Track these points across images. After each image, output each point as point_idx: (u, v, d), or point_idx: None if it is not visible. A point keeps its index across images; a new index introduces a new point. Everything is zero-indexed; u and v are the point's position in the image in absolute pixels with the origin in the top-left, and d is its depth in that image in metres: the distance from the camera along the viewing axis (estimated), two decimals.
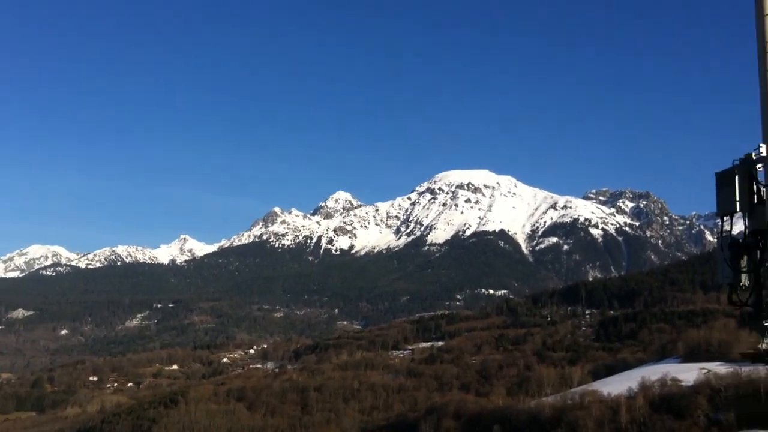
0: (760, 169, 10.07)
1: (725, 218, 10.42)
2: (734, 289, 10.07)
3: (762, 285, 9.89)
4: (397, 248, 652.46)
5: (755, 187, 10.09)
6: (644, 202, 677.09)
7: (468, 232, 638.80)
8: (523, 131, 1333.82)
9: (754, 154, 10.02)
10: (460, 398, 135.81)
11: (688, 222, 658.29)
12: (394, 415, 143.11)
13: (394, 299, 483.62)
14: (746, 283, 9.99)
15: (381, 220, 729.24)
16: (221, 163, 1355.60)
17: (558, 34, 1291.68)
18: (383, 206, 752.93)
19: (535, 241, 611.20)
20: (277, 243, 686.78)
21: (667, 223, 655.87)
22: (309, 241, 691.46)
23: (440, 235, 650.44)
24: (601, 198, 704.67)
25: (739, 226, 10.48)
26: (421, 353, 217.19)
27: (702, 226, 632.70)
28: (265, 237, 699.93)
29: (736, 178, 10.10)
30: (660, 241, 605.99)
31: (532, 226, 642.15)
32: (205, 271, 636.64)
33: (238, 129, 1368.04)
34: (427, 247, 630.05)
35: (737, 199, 10.10)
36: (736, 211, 10.19)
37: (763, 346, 9.70)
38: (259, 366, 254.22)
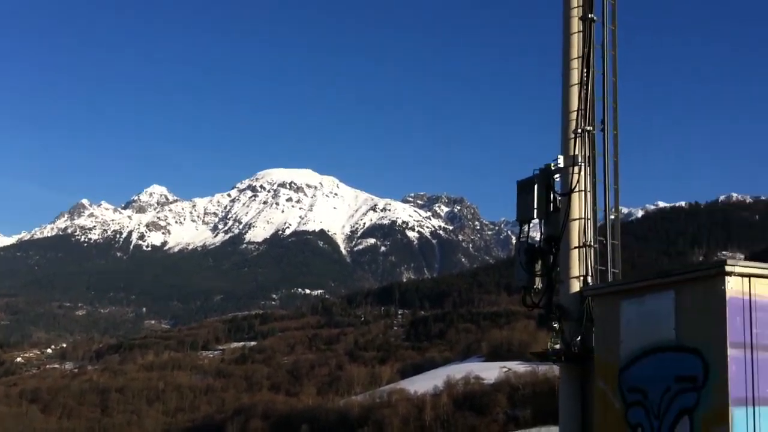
0: (558, 179, 10.46)
1: (524, 224, 10.77)
2: (528, 292, 10.44)
3: (553, 288, 10.31)
4: (213, 246, 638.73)
5: (552, 196, 10.48)
6: (458, 207, 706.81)
7: (288, 231, 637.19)
8: (347, 132, 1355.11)
9: (552, 164, 10.38)
10: (269, 398, 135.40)
11: (497, 227, 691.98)
12: (200, 417, 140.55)
13: (207, 298, 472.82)
14: (539, 286, 10.38)
15: (198, 217, 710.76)
16: (26, 149, 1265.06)
17: (387, 31, 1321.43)
18: (201, 202, 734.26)
19: (354, 242, 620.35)
20: (83, 237, 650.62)
21: (478, 227, 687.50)
22: (118, 235, 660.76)
23: (259, 233, 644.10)
24: (419, 201, 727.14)
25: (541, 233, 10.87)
26: (232, 353, 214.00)
27: (510, 232, 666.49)
28: (70, 230, 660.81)
29: (535, 186, 10.45)
30: (471, 245, 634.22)
31: (351, 227, 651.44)
32: (1, 265, 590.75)
33: (45, 112, 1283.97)
34: (245, 245, 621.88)
35: (535, 206, 10.45)
36: (534, 218, 10.57)
37: (553, 345, 10.04)
38: (56, 366, 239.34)
